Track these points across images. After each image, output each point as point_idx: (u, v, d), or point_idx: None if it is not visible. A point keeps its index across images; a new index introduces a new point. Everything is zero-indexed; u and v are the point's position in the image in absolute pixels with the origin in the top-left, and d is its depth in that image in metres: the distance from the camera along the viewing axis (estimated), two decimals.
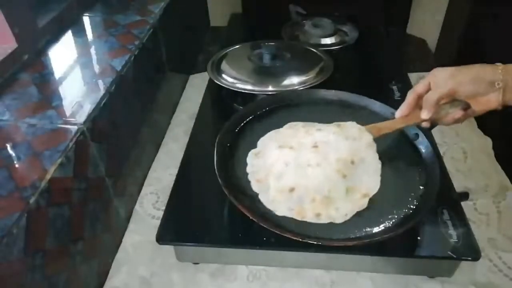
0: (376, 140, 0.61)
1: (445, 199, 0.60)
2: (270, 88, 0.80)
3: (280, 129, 0.65)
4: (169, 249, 0.61)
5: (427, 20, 1.14)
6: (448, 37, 1.10)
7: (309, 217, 0.54)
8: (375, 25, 1.11)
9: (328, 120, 0.64)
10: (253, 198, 0.57)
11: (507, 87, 0.52)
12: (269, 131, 0.65)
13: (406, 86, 0.85)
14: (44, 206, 0.46)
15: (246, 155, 0.63)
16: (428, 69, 0.99)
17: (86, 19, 0.80)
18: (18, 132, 0.52)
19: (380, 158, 0.59)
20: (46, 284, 0.47)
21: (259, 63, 0.86)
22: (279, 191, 0.56)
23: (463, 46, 1.02)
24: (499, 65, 0.53)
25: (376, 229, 0.53)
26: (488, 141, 0.81)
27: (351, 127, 0.62)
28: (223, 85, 0.82)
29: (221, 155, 0.61)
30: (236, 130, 0.68)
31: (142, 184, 0.75)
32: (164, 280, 0.61)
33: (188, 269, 0.62)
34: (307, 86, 0.79)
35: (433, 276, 0.59)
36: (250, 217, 0.52)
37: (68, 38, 0.73)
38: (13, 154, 0.49)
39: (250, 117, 0.70)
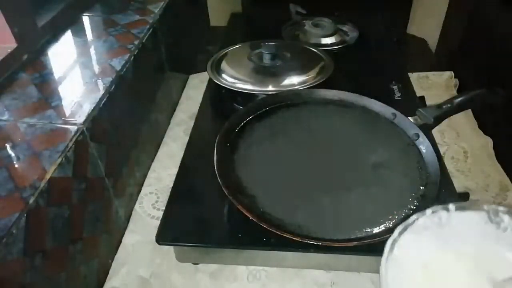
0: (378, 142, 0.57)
1: (445, 200, 0.60)
2: (270, 88, 0.80)
3: None
4: (168, 250, 0.61)
5: (427, 20, 1.14)
6: (448, 37, 1.10)
7: None
8: (375, 25, 1.11)
9: (328, 120, 0.63)
10: (253, 198, 0.57)
11: None
12: (269, 131, 0.64)
13: (406, 86, 0.85)
14: (44, 206, 0.46)
15: (246, 155, 0.63)
16: (428, 69, 1.01)
17: (85, 19, 0.80)
18: (17, 132, 0.52)
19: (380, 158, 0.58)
20: (45, 284, 0.47)
21: (259, 63, 0.86)
22: None
23: (463, 46, 1.02)
24: None
25: (376, 230, 0.53)
26: (489, 141, 0.81)
27: None
28: (223, 85, 0.82)
29: (221, 155, 0.61)
30: (236, 130, 0.68)
31: (142, 184, 0.75)
32: (164, 281, 0.61)
33: (188, 270, 0.61)
34: (307, 86, 0.79)
35: None
36: (250, 217, 0.52)
37: (67, 38, 0.73)
38: (13, 154, 0.49)
39: (250, 117, 0.70)
